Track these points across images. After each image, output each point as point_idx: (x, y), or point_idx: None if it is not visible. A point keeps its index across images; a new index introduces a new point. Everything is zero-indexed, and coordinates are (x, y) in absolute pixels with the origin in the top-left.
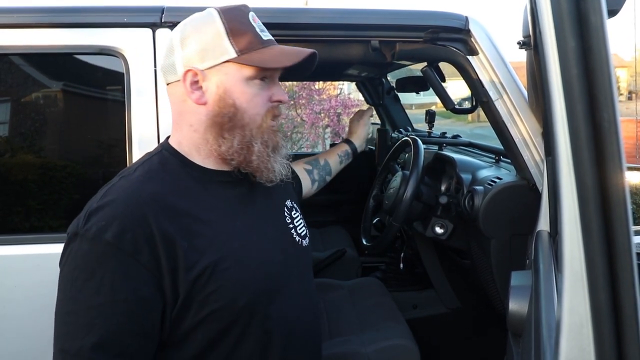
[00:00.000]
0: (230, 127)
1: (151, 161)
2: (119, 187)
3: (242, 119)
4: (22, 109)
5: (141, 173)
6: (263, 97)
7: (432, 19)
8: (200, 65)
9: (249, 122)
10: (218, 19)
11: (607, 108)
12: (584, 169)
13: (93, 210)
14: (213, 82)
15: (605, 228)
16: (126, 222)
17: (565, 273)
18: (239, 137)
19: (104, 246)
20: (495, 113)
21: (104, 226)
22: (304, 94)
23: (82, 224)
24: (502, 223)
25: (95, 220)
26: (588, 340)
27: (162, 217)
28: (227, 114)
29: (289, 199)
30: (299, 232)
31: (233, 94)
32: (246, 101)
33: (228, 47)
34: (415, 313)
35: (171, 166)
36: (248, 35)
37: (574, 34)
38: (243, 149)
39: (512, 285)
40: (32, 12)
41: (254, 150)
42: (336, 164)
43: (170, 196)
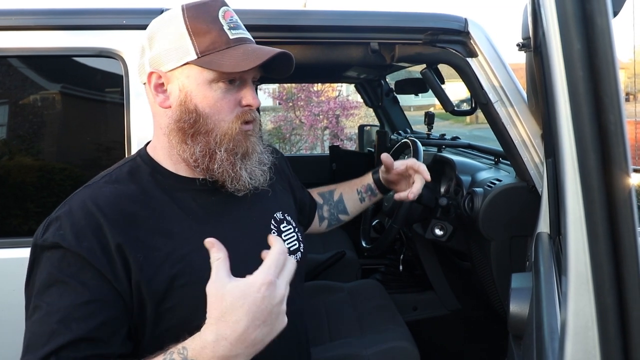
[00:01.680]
0: (192, 133)
1: (120, 169)
2: (79, 196)
3: (206, 125)
4: (21, 111)
5: (106, 181)
6: (229, 101)
7: (431, 21)
8: (163, 67)
9: (213, 127)
10: (181, 17)
11: (613, 110)
12: (589, 171)
13: (52, 220)
14: (176, 85)
15: (611, 230)
16: (83, 231)
17: (570, 275)
18: (201, 144)
19: (63, 252)
20: (495, 115)
21: (62, 235)
22: (303, 96)
23: (41, 234)
24: (502, 225)
25: (53, 229)
26: (594, 343)
27: (117, 228)
28: (188, 119)
29: (280, 210)
30: (289, 247)
31: (194, 98)
32: (209, 106)
33: (189, 48)
34: (415, 315)
35: (140, 174)
36: (211, 35)
37: (579, 36)
38: (205, 156)
39: (512, 287)
40: (31, 15)
41: (216, 158)
42: (354, 201)
43: (131, 205)
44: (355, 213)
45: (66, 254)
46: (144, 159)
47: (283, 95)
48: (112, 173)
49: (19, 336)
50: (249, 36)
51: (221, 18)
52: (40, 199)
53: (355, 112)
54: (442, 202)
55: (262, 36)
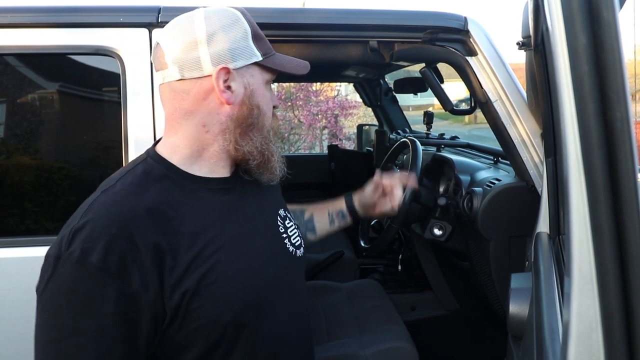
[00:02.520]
0: (254, 128)
1: (134, 172)
2: (100, 204)
3: (262, 121)
4: (17, 110)
5: (123, 186)
6: (272, 100)
7: (430, 19)
8: (231, 64)
9: (264, 123)
10: (244, 20)
11: (620, 107)
12: (594, 170)
13: (77, 230)
14: (240, 82)
15: (616, 230)
16: (111, 242)
17: (574, 276)
18: (260, 138)
19: (89, 269)
20: (494, 114)
21: (89, 248)
22: (301, 95)
23: (66, 246)
24: (501, 225)
25: (79, 242)
26: (598, 345)
27: (149, 232)
28: (253, 115)
29: (281, 208)
30: (293, 242)
31: (257, 96)
32: (265, 104)
33: (254, 50)
34: (413, 315)
35: (155, 176)
36: (264, 40)
37: (585, 30)
38: (264, 149)
39: (512, 288)
40: (27, 12)
41: (273, 150)
42: (324, 223)
43: (155, 207)
44: (323, 235)
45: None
46: (155, 159)
47: (282, 94)
48: (126, 176)
49: (16, 334)
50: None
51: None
52: (38, 198)
53: (353, 112)
54: (441, 201)
55: None
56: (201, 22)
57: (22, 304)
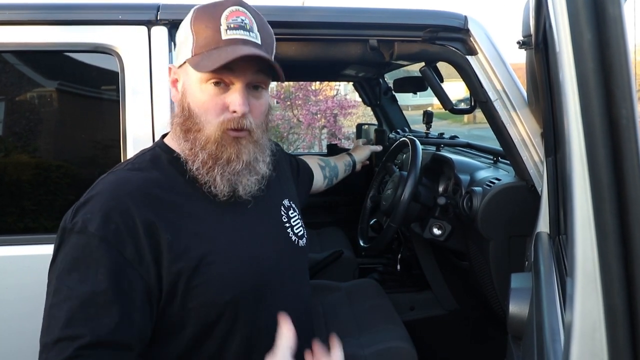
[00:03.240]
0: (186, 129)
1: (143, 157)
2: (105, 181)
3: (196, 124)
4: (14, 108)
5: (130, 167)
6: (216, 104)
7: (431, 18)
8: (175, 61)
9: (201, 128)
10: (190, 16)
11: (626, 104)
12: (599, 168)
13: (80, 205)
14: (181, 81)
15: (621, 229)
16: (109, 214)
17: (577, 276)
18: (190, 142)
19: (89, 238)
20: (494, 113)
21: (89, 219)
22: (301, 95)
23: (70, 218)
24: (501, 224)
25: (82, 213)
26: (601, 346)
27: (146, 209)
28: (182, 115)
29: (287, 198)
30: (296, 232)
31: (189, 96)
32: (198, 105)
33: (190, 47)
34: (412, 315)
35: (162, 162)
36: (206, 35)
37: (590, 26)
38: (190, 155)
39: (512, 288)
40: (25, 9)
41: (198, 159)
42: (342, 170)
43: (157, 189)
44: (341, 178)
45: (92, 239)
46: (162, 148)
47: (281, 94)
48: (134, 161)
49: (16, 331)
50: (251, 38)
51: (223, 18)
52: (36, 197)
53: (353, 111)
54: (441, 201)
55: None
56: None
57: (21, 302)
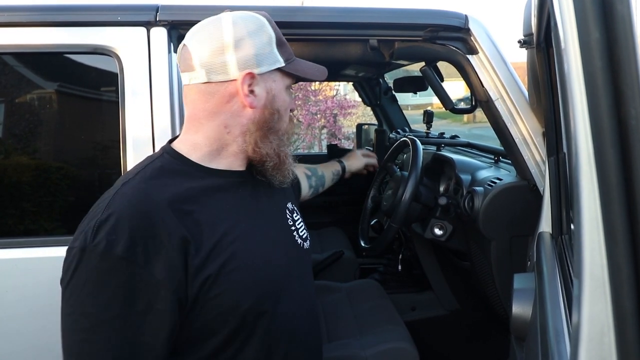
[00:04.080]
0: (273, 131)
1: (153, 165)
2: (123, 196)
3: (280, 124)
4: (14, 109)
5: (143, 178)
6: (290, 104)
7: (431, 17)
8: (256, 69)
9: (282, 127)
10: (269, 26)
11: (635, 103)
12: (607, 169)
13: (102, 222)
14: (263, 87)
15: (630, 230)
16: (136, 233)
17: (585, 278)
18: (277, 141)
19: (115, 260)
20: (495, 113)
21: (114, 240)
22: (300, 95)
23: (91, 238)
24: (502, 224)
25: (104, 234)
26: (610, 350)
27: (171, 221)
28: (273, 119)
29: (289, 201)
30: (301, 235)
31: (279, 101)
32: (284, 108)
33: (278, 55)
34: (413, 315)
35: (174, 169)
36: (287, 46)
37: (598, 25)
38: (281, 151)
39: (515, 288)
40: (24, 11)
41: (287, 152)
42: (329, 179)
43: (175, 199)
44: (327, 187)
45: (117, 262)
46: (172, 155)
47: None
48: (145, 170)
49: (16, 333)
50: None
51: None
52: (36, 199)
53: (352, 112)
54: (442, 201)
55: None
56: (229, 28)
57: (21, 305)
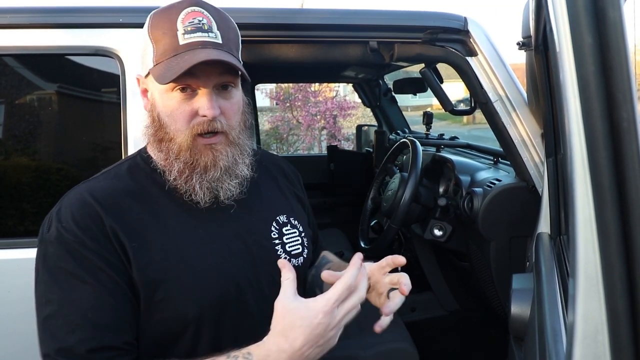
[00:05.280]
0: (159, 139)
1: (120, 167)
2: (78, 190)
3: (168, 134)
4: (16, 110)
5: (103, 176)
6: (184, 111)
7: (431, 19)
8: (141, 72)
9: (174, 137)
10: (147, 24)
11: (626, 107)
12: (600, 170)
13: (54, 215)
14: (150, 91)
15: (623, 231)
16: (82, 219)
17: (579, 278)
18: (164, 152)
19: (66, 245)
20: (495, 114)
21: (64, 227)
22: (300, 96)
23: (46, 229)
24: (502, 225)
25: (56, 223)
26: (604, 348)
27: (113, 215)
28: (153, 125)
29: (284, 214)
30: (289, 250)
31: (157, 106)
32: (167, 114)
33: (151, 56)
34: (413, 316)
35: (139, 172)
36: (164, 42)
37: (590, 30)
38: (167, 165)
39: (513, 289)
40: (27, 13)
41: (174, 168)
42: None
43: (127, 197)
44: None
45: (70, 246)
46: (143, 157)
47: (280, 95)
48: (111, 170)
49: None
50: (211, 38)
51: (179, 22)
52: (37, 200)
53: (352, 113)
54: (441, 202)
55: (259, 35)
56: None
57: (21, 305)
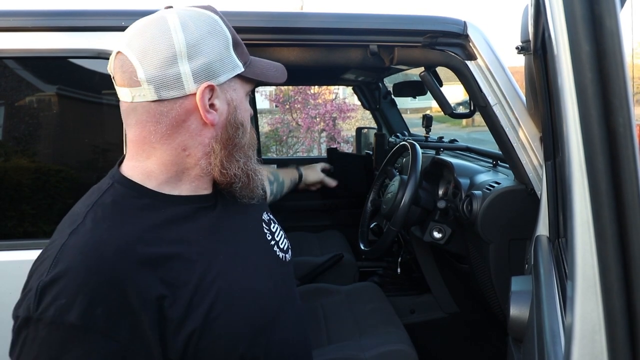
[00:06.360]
0: (239, 147)
1: (102, 202)
2: (73, 248)
3: (246, 139)
4: (17, 113)
5: (94, 222)
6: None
7: (430, 23)
8: (215, 80)
9: (247, 141)
10: (222, 25)
11: (623, 112)
12: (598, 174)
13: (46, 286)
14: (224, 99)
15: (619, 233)
16: (93, 294)
17: (577, 279)
18: (244, 159)
19: (69, 330)
20: (494, 118)
21: (65, 305)
22: (300, 98)
23: (35, 305)
24: (501, 228)
25: (51, 298)
26: (601, 348)
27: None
28: (238, 134)
29: (264, 211)
30: (282, 247)
31: (242, 112)
32: (247, 119)
33: (235, 59)
34: (413, 318)
35: (129, 205)
36: (242, 46)
37: (588, 38)
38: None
39: (512, 291)
40: (29, 16)
41: (255, 169)
42: (287, 187)
43: (138, 245)
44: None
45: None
46: (124, 184)
47: (280, 97)
48: (94, 209)
49: None
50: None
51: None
52: (36, 201)
53: (351, 115)
54: (441, 204)
55: (259, 38)
56: (178, 31)
57: None
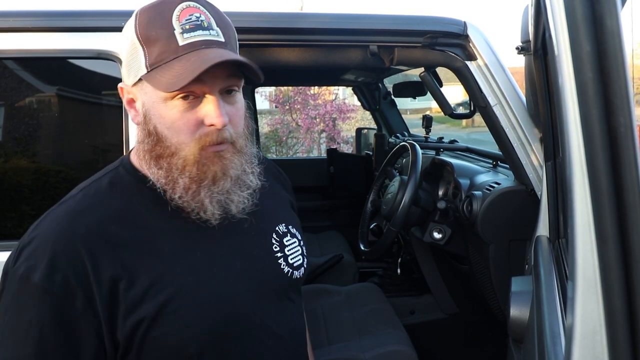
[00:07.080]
0: (157, 155)
1: (100, 182)
2: (53, 217)
3: (168, 148)
4: (18, 114)
5: (84, 197)
6: (189, 120)
7: (430, 24)
8: (127, 79)
9: (176, 151)
10: (132, 24)
11: (624, 112)
12: (598, 174)
13: (24, 245)
14: (140, 101)
15: (620, 234)
16: (56, 260)
17: (578, 279)
18: (165, 169)
19: (32, 289)
20: (494, 118)
21: (33, 266)
22: (299, 99)
23: (13, 262)
24: (501, 228)
25: (25, 258)
26: (602, 348)
27: (100, 253)
28: (149, 141)
29: (283, 223)
30: (291, 262)
31: (153, 118)
32: (166, 127)
33: (142, 61)
34: (413, 318)
35: (123, 187)
36: (160, 43)
37: (588, 38)
38: (168, 183)
39: (512, 291)
40: (29, 16)
41: (179, 185)
42: None
43: (114, 225)
44: None
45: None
46: (127, 168)
47: (280, 98)
48: (90, 186)
49: None
50: (213, 36)
51: (174, 20)
52: (36, 202)
53: (351, 116)
54: (441, 205)
55: (259, 39)
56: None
57: None
